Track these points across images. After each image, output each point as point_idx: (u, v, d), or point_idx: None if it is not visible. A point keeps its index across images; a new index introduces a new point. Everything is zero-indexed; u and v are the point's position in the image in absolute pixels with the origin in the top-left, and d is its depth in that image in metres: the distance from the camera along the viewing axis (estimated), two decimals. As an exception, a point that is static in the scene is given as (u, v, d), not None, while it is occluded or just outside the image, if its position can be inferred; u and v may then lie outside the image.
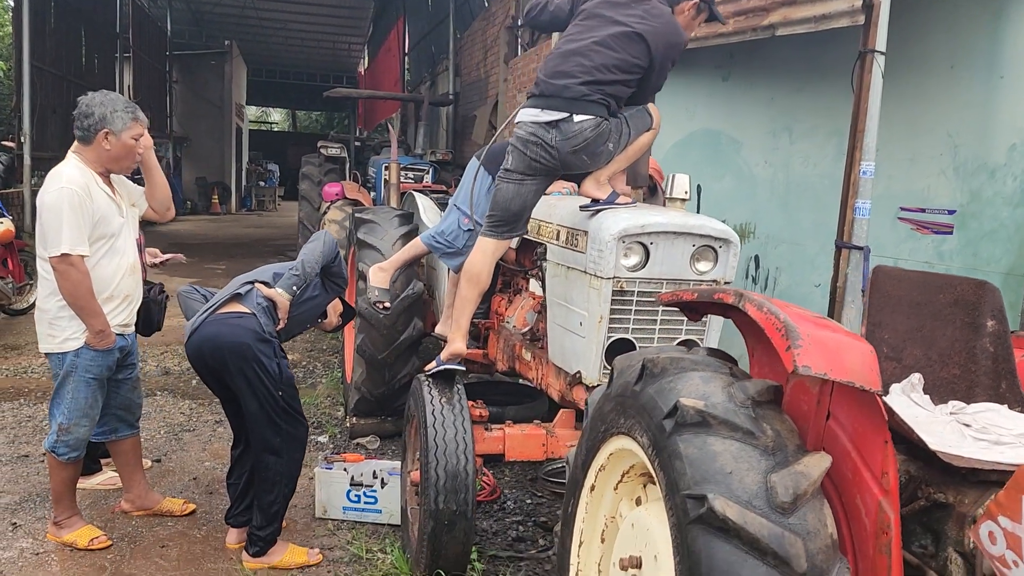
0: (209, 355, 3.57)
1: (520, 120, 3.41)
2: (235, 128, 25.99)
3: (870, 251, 4.05)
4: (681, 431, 1.86)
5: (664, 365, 2.06)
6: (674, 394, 1.94)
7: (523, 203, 3.44)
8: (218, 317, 3.59)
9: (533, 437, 3.59)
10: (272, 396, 3.53)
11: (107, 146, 3.62)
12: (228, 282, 3.86)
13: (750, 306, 1.97)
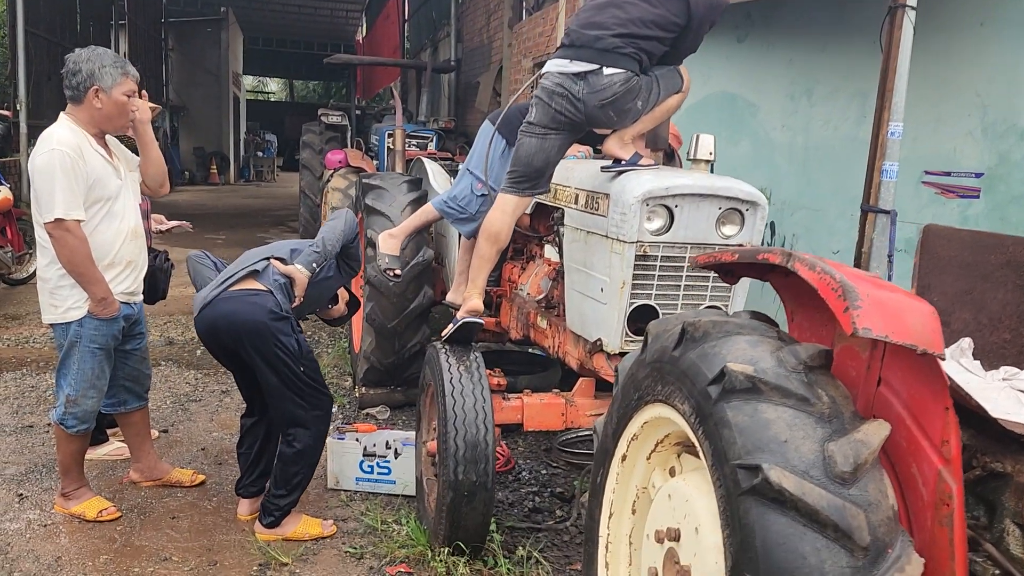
0: (225, 333, 3.47)
1: (547, 71, 3.28)
2: (232, 97, 25.69)
3: (897, 215, 3.93)
4: (729, 398, 1.75)
5: (706, 329, 1.95)
6: (719, 359, 1.84)
7: (546, 158, 3.32)
8: (233, 294, 3.47)
9: (552, 406, 3.50)
10: (294, 372, 3.43)
11: (98, 104, 3.48)
12: (230, 254, 3.74)
13: (801, 266, 1.85)
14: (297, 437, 3.48)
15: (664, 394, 2.06)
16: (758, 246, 3.19)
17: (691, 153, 3.42)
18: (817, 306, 2.19)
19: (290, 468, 3.50)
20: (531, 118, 3.31)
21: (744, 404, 1.72)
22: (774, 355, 1.80)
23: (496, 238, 3.42)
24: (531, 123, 3.32)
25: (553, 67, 3.27)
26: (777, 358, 1.79)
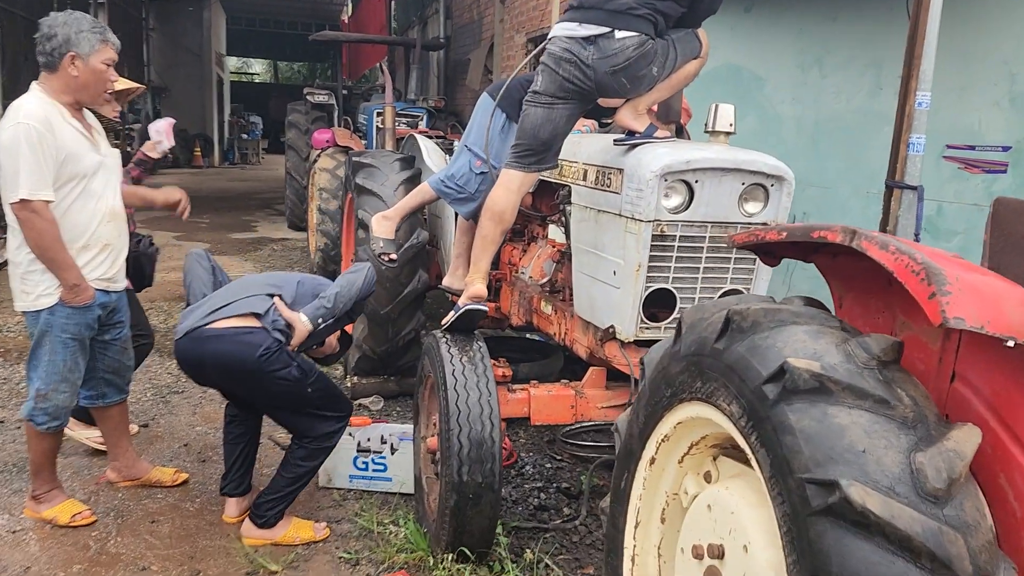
0: (214, 371, 3.24)
1: (554, 35, 3.01)
2: (216, 78, 25.17)
3: (924, 191, 3.69)
4: (791, 399, 1.51)
5: (756, 318, 1.70)
6: (775, 353, 1.59)
7: (553, 130, 3.05)
8: (223, 332, 3.14)
9: (561, 398, 3.26)
10: (301, 398, 3.20)
11: (74, 72, 3.18)
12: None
13: (870, 245, 1.60)
14: (315, 440, 3.27)
15: (704, 392, 1.81)
16: (799, 223, 2.93)
17: (709, 124, 3.16)
18: (873, 290, 1.95)
19: (298, 468, 3.28)
20: (537, 87, 3.04)
21: (810, 407, 1.47)
22: (840, 348, 1.56)
23: (500, 218, 3.16)
24: (537, 92, 3.05)
25: (560, 31, 2.99)
26: (844, 352, 1.55)
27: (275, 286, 3.37)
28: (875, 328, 1.90)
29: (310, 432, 3.26)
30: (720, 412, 1.75)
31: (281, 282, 3.42)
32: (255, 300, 3.24)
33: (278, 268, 9.18)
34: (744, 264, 3.09)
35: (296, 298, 3.37)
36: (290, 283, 3.42)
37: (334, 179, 7.72)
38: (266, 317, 3.20)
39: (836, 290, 2.07)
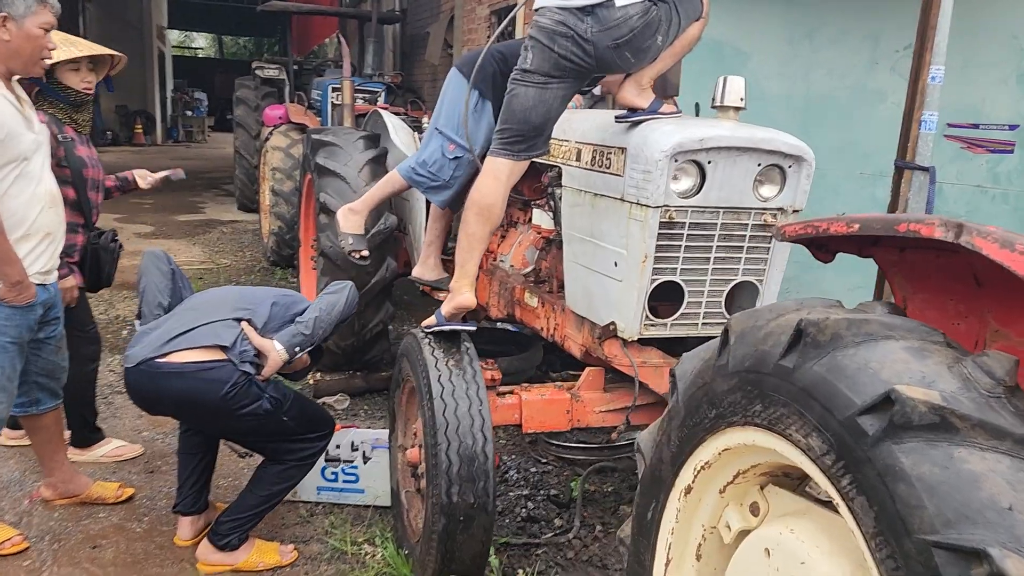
0: (173, 410, 2.92)
1: (543, 5, 2.65)
2: (157, 53, 24.13)
3: (936, 172, 3.45)
4: (901, 436, 1.21)
5: (837, 330, 1.40)
6: (870, 375, 1.29)
7: (546, 112, 2.71)
8: (184, 368, 2.72)
9: (555, 403, 2.94)
10: (276, 429, 2.87)
11: (5, 36, 2.74)
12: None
13: (987, 243, 1.31)
14: (292, 457, 2.95)
15: (766, 417, 1.51)
16: (874, 214, 2.65)
17: (717, 99, 2.85)
18: (954, 292, 1.67)
19: (272, 487, 2.94)
20: (527, 64, 2.68)
21: (929, 448, 1.18)
22: (954, 371, 1.26)
23: (488, 212, 2.79)
24: (527, 70, 2.68)
25: (549, 0, 2.64)
26: (961, 376, 1.25)
27: (245, 308, 2.97)
28: (958, 336, 1.62)
29: (287, 456, 2.93)
30: (789, 443, 1.45)
31: (252, 302, 3.02)
32: (221, 328, 2.83)
33: (228, 251, 8.69)
34: (758, 253, 2.80)
35: (269, 320, 2.98)
36: (263, 303, 3.02)
37: (288, 158, 7.26)
38: (233, 349, 2.78)
39: (900, 289, 1.78)
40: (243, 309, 2.95)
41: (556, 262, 3.41)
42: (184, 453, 3.14)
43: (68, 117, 3.42)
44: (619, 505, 3.48)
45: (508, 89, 2.76)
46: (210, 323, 2.83)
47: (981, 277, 1.57)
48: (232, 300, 3.01)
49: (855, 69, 4.60)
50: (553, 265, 3.46)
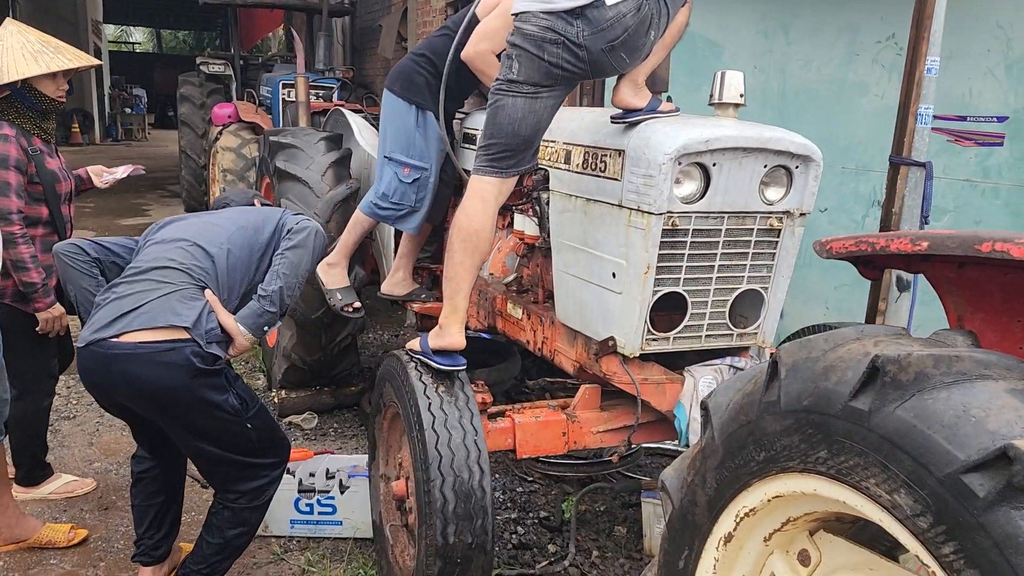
0: (129, 399, 2.48)
1: (525, 9, 2.41)
2: (92, 48, 23.25)
3: (933, 167, 3.33)
4: (1022, 501, 1.03)
5: (922, 367, 1.22)
6: (974, 425, 1.12)
7: (536, 123, 2.48)
8: (140, 349, 2.36)
9: (551, 425, 2.74)
10: (241, 436, 2.53)
11: None
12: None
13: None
14: (244, 496, 2.59)
15: (833, 466, 1.32)
16: (950, 230, 2.49)
17: (715, 95, 2.67)
18: (1021, 312, 1.51)
19: (225, 534, 2.60)
20: (513, 74, 2.43)
21: (1062, 516, 1.00)
22: (1073, 419, 1.09)
23: (477, 238, 2.51)
24: (515, 80, 2.43)
25: (534, 4, 2.38)
26: (1083, 425, 1.08)
27: (203, 268, 2.59)
28: None
29: (235, 486, 2.59)
30: (866, 498, 1.27)
31: (210, 258, 2.63)
32: (179, 301, 2.46)
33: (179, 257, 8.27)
34: (763, 260, 2.64)
35: (230, 286, 2.65)
36: (219, 259, 2.64)
37: (240, 159, 6.94)
38: (197, 327, 2.44)
39: (955, 308, 1.62)
40: (201, 270, 2.58)
41: (541, 270, 3.22)
42: (139, 506, 2.79)
43: (35, 127, 3.13)
44: (614, 526, 3.30)
45: (491, 101, 2.51)
46: (167, 294, 2.47)
47: (1060, 298, 1.41)
48: (188, 258, 2.61)
49: (833, 61, 4.47)
50: (538, 274, 3.26)
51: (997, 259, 1.31)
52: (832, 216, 4.55)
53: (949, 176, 3.95)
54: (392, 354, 2.70)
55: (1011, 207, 3.70)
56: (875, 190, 4.25)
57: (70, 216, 3.30)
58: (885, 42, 4.16)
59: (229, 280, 2.66)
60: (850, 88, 4.41)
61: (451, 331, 2.51)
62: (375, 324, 5.88)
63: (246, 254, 2.72)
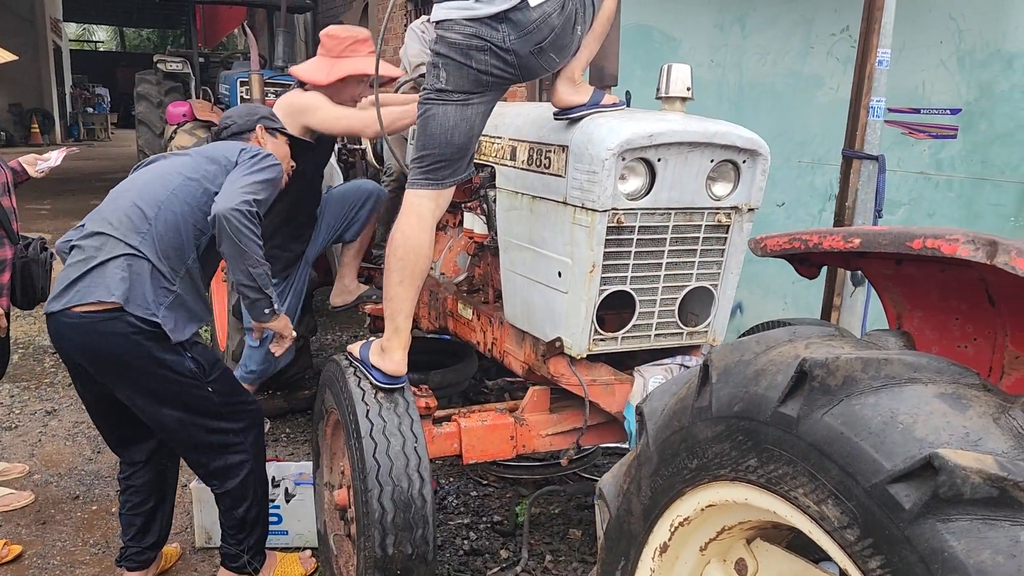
0: (90, 366, 2.45)
1: (446, 18, 2.31)
2: (52, 47, 22.81)
3: (886, 160, 3.30)
4: (949, 513, 0.98)
5: (850, 372, 1.16)
6: (902, 433, 1.06)
7: (469, 130, 2.38)
8: (84, 319, 2.35)
9: (498, 429, 2.66)
10: (202, 399, 2.49)
11: None
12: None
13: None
14: (219, 474, 2.60)
15: (763, 475, 1.26)
16: (880, 226, 2.45)
17: (661, 89, 2.61)
18: (959, 310, 1.46)
19: (236, 511, 2.64)
20: (441, 83, 2.33)
21: (988, 529, 0.95)
22: (1003, 424, 1.04)
23: (416, 256, 2.40)
24: (443, 89, 2.33)
25: (455, 12, 2.28)
26: (1012, 431, 1.03)
27: (140, 233, 2.46)
28: (966, 361, 1.41)
29: (207, 461, 2.59)
30: (796, 508, 1.21)
31: (147, 221, 2.47)
32: (113, 273, 2.39)
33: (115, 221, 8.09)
34: (712, 256, 2.58)
35: (176, 248, 2.50)
36: (156, 221, 2.48)
37: (195, 159, 6.77)
38: (132, 301, 2.36)
39: (894, 305, 1.57)
40: (140, 233, 2.46)
41: (491, 270, 3.14)
42: (127, 514, 2.72)
43: None
44: (568, 528, 3.23)
45: (420, 111, 2.40)
46: (100, 264, 2.40)
47: (997, 296, 1.36)
48: (129, 218, 2.49)
49: (789, 54, 4.44)
50: (488, 273, 3.19)
51: (930, 256, 1.26)
52: (789, 210, 4.52)
53: (903, 169, 3.93)
54: (332, 359, 2.62)
55: (964, 199, 3.69)
56: (831, 184, 4.23)
57: (13, 208, 3.18)
58: (839, 35, 4.14)
59: (171, 243, 2.50)
60: (805, 81, 4.38)
61: (394, 356, 2.41)
62: (333, 325, 5.77)
63: (188, 211, 2.54)
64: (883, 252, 1.30)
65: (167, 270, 2.48)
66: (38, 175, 3.42)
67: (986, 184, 3.67)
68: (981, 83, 3.64)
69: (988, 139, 3.64)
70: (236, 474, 2.60)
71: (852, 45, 4.03)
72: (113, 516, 3.28)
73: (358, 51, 3.36)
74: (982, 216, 3.66)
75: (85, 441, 3.93)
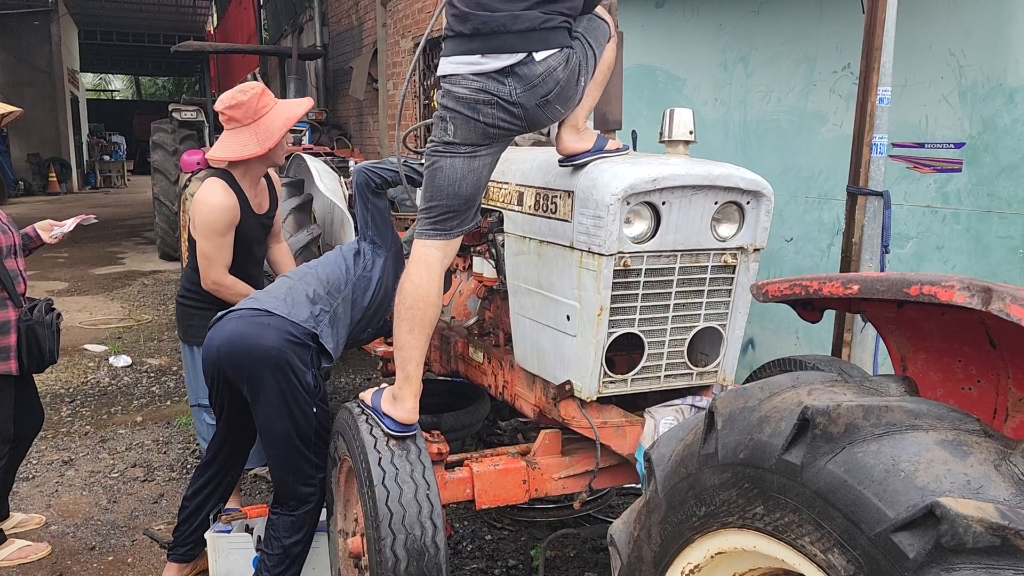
0: (227, 361, 2.72)
1: (453, 73, 2.37)
2: (69, 97, 23.28)
3: (891, 196, 3.32)
4: (952, 563, 0.98)
5: (851, 419, 1.17)
6: (903, 481, 1.07)
7: (476, 181, 2.43)
8: (242, 312, 2.77)
9: (511, 473, 2.67)
10: (305, 415, 2.71)
11: None
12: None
13: (1020, 309, 1.10)
14: (294, 499, 2.78)
15: (770, 522, 1.27)
16: (881, 273, 2.46)
17: (665, 133, 2.66)
18: (961, 353, 1.47)
19: (286, 539, 2.77)
20: (449, 136, 2.39)
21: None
22: (1004, 471, 1.04)
23: (425, 305, 2.44)
24: (451, 142, 2.39)
25: (462, 67, 2.35)
26: (1013, 477, 1.03)
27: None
28: (969, 404, 1.42)
29: (287, 481, 2.76)
30: (803, 556, 1.21)
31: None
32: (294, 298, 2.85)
33: (149, 305, 8.20)
34: (719, 297, 2.60)
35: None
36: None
37: (209, 206, 6.87)
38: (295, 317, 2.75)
39: (898, 348, 1.58)
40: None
41: (501, 313, 3.17)
42: (193, 508, 3.06)
43: None
44: (583, 571, 3.22)
45: (428, 163, 2.46)
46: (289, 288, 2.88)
47: (998, 338, 1.37)
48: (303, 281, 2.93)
49: (791, 93, 4.49)
50: (498, 316, 3.21)
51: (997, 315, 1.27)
52: (798, 245, 4.54)
53: (910, 203, 3.94)
54: (344, 407, 2.64)
55: (972, 232, 3.69)
56: (838, 219, 4.24)
57: (19, 270, 3.23)
58: (841, 72, 4.18)
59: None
60: (809, 118, 4.42)
61: (406, 404, 2.44)
62: (347, 368, 5.80)
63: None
64: (872, 297, 1.32)
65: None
66: (52, 240, 3.47)
67: (993, 216, 3.67)
68: (984, 117, 3.66)
69: (994, 172, 3.66)
70: (304, 505, 2.77)
71: (854, 82, 4.08)
72: (129, 567, 3.29)
73: (268, 104, 3.16)
74: (991, 249, 3.66)
75: (101, 491, 3.95)
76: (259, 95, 3.12)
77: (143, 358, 6.23)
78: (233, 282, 3.23)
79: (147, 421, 4.91)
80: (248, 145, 3.09)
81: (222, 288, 3.21)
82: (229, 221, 3.16)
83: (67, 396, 5.35)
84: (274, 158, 3.26)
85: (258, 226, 3.36)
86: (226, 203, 3.15)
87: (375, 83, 9.72)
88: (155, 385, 5.59)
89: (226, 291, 3.22)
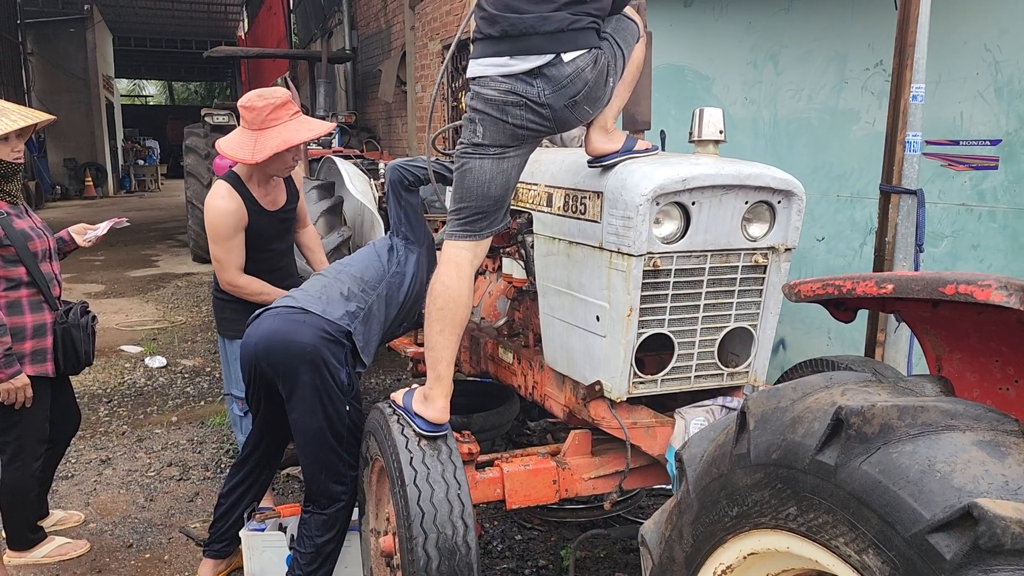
0: (264, 358, 2.77)
1: (482, 75, 2.38)
2: (104, 103, 23.69)
3: (924, 195, 3.28)
4: (990, 564, 0.97)
5: (886, 420, 1.16)
6: (940, 482, 1.06)
7: (506, 183, 2.44)
8: (279, 311, 2.82)
9: (541, 473, 2.67)
10: (338, 412, 2.75)
11: None
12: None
13: (1062, 310, 1.08)
14: (324, 496, 2.83)
15: (803, 523, 1.26)
16: (929, 271, 2.44)
17: (694, 133, 2.65)
18: (999, 353, 1.45)
19: (319, 538, 2.80)
20: (478, 138, 2.40)
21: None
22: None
23: (455, 306, 2.45)
24: (480, 144, 2.41)
25: (491, 69, 2.36)
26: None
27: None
28: (1007, 404, 1.40)
29: (319, 478, 2.80)
30: (837, 557, 1.21)
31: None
32: (329, 295, 2.89)
33: (183, 307, 8.32)
34: (750, 297, 2.58)
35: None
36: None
37: (241, 208, 6.96)
38: (328, 315, 2.81)
39: (933, 348, 1.56)
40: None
41: (530, 314, 3.18)
42: (228, 506, 3.12)
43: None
44: (614, 572, 3.21)
45: (457, 165, 2.48)
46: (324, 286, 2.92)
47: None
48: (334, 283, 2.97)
49: (823, 90, 4.44)
50: (527, 317, 3.22)
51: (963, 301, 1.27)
52: (830, 244, 4.49)
53: (944, 201, 3.89)
54: (376, 407, 2.66)
55: (1008, 230, 3.63)
56: (871, 217, 4.19)
57: (54, 273, 3.29)
58: (873, 69, 4.14)
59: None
60: (841, 116, 4.37)
61: (436, 404, 2.45)
62: (377, 369, 5.84)
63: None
64: (904, 296, 1.31)
65: None
66: (86, 244, 3.52)
67: (1030, 214, 3.62)
68: (1021, 114, 3.60)
69: (1031, 169, 3.60)
70: (335, 503, 2.81)
71: (886, 79, 4.03)
72: (165, 564, 3.34)
73: (280, 118, 3.11)
74: (1028, 246, 3.61)
75: (138, 489, 4.02)
76: (274, 106, 3.09)
77: (177, 359, 6.32)
78: (248, 282, 3.26)
79: (182, 421, 4.98)
80: (243, 149, 3.09)
81: (237, 288, 3.25)
82: (234, 224, 3.19)
83: (104, 397, 5.45)
84: (269, 170, 3.22)
85: (275, 222, 3.38)
86: (228, 207, 3.18)
87: (403, 86, 9.78)
88: (189, 386, 5.67)
89: (241, 291, 3.26)
